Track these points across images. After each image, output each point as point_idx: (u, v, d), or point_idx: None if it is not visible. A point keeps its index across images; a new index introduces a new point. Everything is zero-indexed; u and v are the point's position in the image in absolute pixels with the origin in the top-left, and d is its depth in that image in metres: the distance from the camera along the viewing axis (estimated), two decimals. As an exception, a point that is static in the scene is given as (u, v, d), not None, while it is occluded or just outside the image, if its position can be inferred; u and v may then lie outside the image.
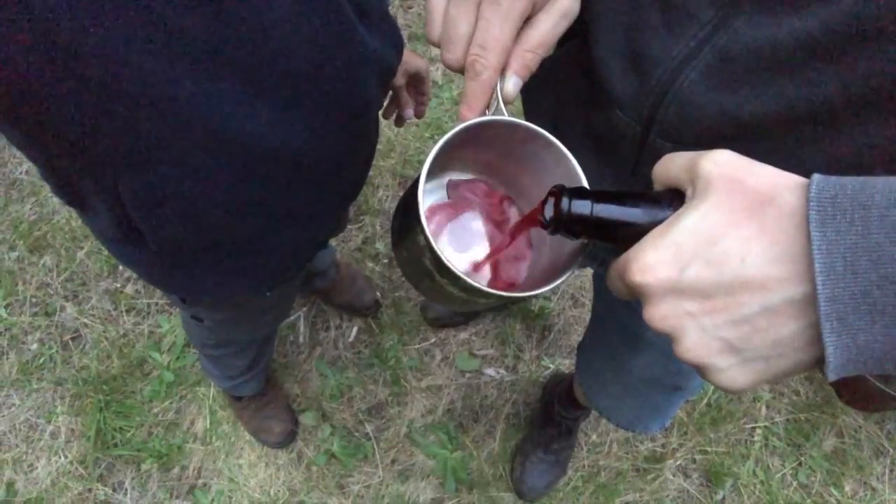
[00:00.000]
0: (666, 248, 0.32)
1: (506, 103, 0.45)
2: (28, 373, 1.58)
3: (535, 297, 0.45)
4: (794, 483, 1.60)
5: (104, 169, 0.58)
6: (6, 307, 1.64)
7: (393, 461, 1.57)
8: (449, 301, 0.47)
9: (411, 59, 0.95)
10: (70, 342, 1.63)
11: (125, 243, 0.73)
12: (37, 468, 1.51)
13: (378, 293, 1.70)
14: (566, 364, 1.69)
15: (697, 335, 0.32)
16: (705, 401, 1.66)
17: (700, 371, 0.34)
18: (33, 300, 1.66)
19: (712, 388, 1.67)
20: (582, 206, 0.36)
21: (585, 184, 0.44)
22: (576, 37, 0.65)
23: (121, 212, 0.63)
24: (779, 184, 0.31)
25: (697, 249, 0.32)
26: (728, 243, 0.31)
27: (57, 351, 1.61)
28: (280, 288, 0.89)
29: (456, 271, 0.41)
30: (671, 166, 0.36)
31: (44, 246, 1.71)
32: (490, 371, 1.67)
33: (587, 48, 0.58)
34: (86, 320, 1.64)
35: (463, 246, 0.54)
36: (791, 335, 0.31)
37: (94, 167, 0.58)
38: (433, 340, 1.69)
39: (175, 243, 0.68)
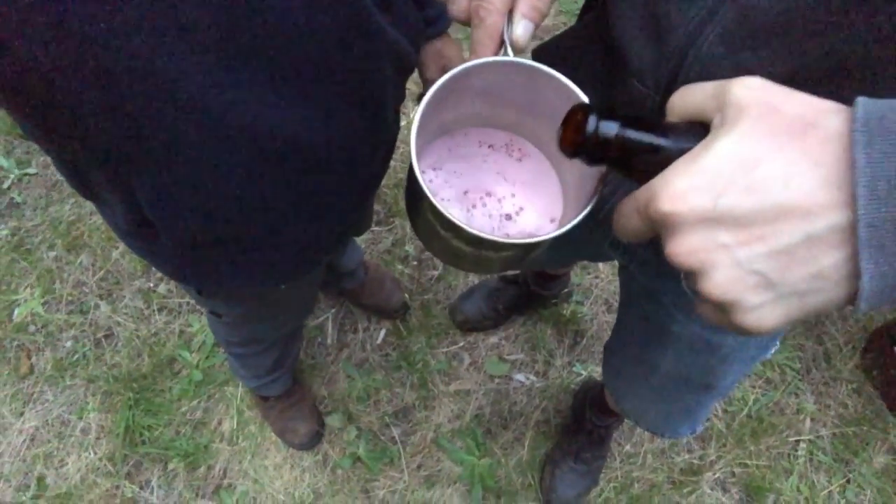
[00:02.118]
0: (699, 174, 0.29)
1: (517, 51, 0.43)
2: (62, 369, 1.61)
3: (543, 242, 0.43)
4: (842, 501, 1.52)
5: (118, 163, 0.57)
6: (43, 304, 1.67)
7: (419, 466, 1.54)
8: (461, 259, 0.45)
9: (448, 50, 0.91)
10: (103, 340, 1.65)
11: (139, 236, 0.72)
12: (67, 464, 1.52)
13: (407, 295, 1.68)
14: (599, 371, 1.63)
15: (730, 269, 0.30)
16: (745, 412, 1.59)
17: (727, 309, 0.31)
18: (69, 298, 1.69)
19: (752, 398, 1.60)
20: (609, 127, 0.33)
21: None
22: (593, 10, 0.63)
23: (133, 205, 0.62)
24: (819, 108, 0.29)
25: (734, 175, 0.29)
26: (769, 167, 0.28)
27: (90, 348, 1.63)
28: (297, 282, 0.87)
29: (452, 218, 0.39)
30: (694, 95, 0.33)
31: (81, 245, 1.74)
32: (520, 376, 1.63)
33: (605, 20, 0.56)
34: (119, 318, 1.66)
35: (483, 198, 0.52)
36: (832, 266, 0.28)
37: (108, 161, 0.57)
38: (462, 344, 1.66)
39: (188, 237, 0.67)
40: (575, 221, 0.42)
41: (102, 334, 1.65)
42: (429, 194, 0.40)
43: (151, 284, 1.70)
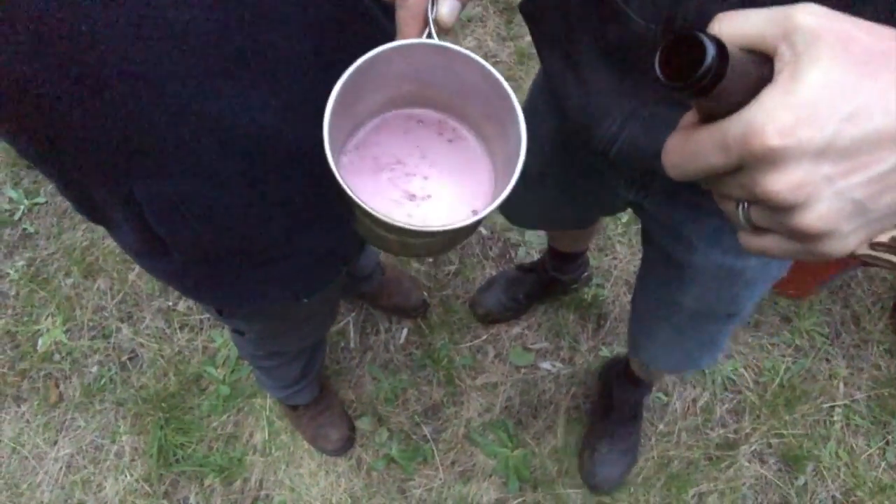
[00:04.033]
0: (800, 106, 0.28)
1: (443, 31, 0.42)
2: (90, 395, 1.61)
3: (464, 229, 0.42)
4: (883, 464, 1.50)
5: (117, 175, 0.56)
6: (66, 332, 1.68)
7: (453, 462, 1.53)
8: (388, 244, 0.45)
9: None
10: (128, 362, 1.65)
11: (152, 256, 0.71)
12: (105, 488, 1.53)
13: (425, 293, 1.67)
14: (625, 353, 1.62)
15: (832, 200, 0.30)
16: (777, 381, 1.57)
17: (817, 240, 0.31)
18: (90, 324, 1.69)
19: (783, 367, 1.58)
20: (724, 59, 0.29)
21: (518, 106, 0.41)
22: None
23: (141, 223, 0.61)
24: (892, 36, 0.29)
25: (835, 105, 0.28)
26: (866, 96, 0.28)
27: (116, 372, 1.64)
28: (319, 294, 0.86)
29: (362, 203, 0.39)
30: (747, 23, 0.31)
31: (97, 270, 1.75)
32: (546, 365, 1.62)
33: None
34: (141, 340, 1.67)
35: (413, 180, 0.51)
36: None
37: (106, 174, 0.56)
38: (485, 337, 1.65)
39: (199, 251, 0.66)
40: (492, 206, 0.42)
41: (127, 357, 1.66)
42: (339, 179, 0.39)
43: (171, 303, 1.71)
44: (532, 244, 1.75)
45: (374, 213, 0.40)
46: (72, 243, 1.78)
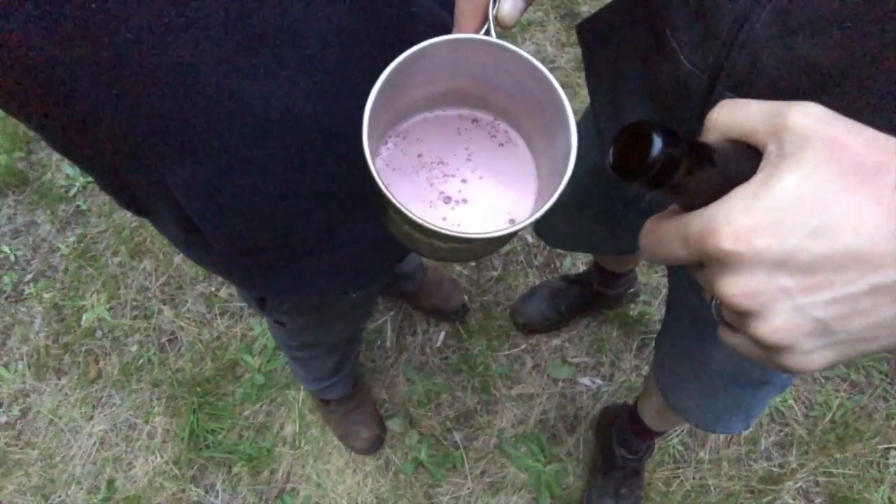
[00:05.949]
0: (764, 212, 0.27)
1: (503, 28, 0.40)
2: (128, 373, 1.63)
3: (496, 238, 0.40)
4: (939, 514, 1.41)
5: (148, 161, 0.54)
6: (109, 310, 1.70)
7: (483, 472, 1.50)
8: (416, 246, 0.44)
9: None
10: (167, 344, 1.67)
11: (195, 246, 0.70)
12: (135, 467, 1.54)
13: (466, 297, 1.64)
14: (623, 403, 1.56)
15: (789, 315, 0.28)
16: (829, 417, 1.50)
17: (777, 352, 0.29)
18: (133, 303, 1.71)
19: (836, 402, 1.51)
20: (677, 149, 0.28)
21: (569, 111, 0.39)
22: None
23: (180, 212, 0.59)
24: (888, 149, 0.27)
25: (802, 216, 0.27)
26: (839, 211, 0.26)
27: (155, 353, 1.65)
28: (368, 289, 0.84)
29: (392, 198, 0.37)
30: (744, 114, 0.29)
31: (144, 251, 1.77)
32: (585, 380, 1.58)
33: None
34: (182, 323, 1.68)
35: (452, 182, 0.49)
36: (893, 319, 0.27)
37: (137, 159, 0.54)
38: (524, 346, 1.62)
39: (238, 243, 0.64)
40: (533, 217, 0.40)
41: (166, 339, 1.67)
42: (373, 171, 0.37)
43: (213, 289, 1.72)
44: (578, 255, 1.71)
45: (406, 211, 0.38)
46: (122, 223, 1.80)
